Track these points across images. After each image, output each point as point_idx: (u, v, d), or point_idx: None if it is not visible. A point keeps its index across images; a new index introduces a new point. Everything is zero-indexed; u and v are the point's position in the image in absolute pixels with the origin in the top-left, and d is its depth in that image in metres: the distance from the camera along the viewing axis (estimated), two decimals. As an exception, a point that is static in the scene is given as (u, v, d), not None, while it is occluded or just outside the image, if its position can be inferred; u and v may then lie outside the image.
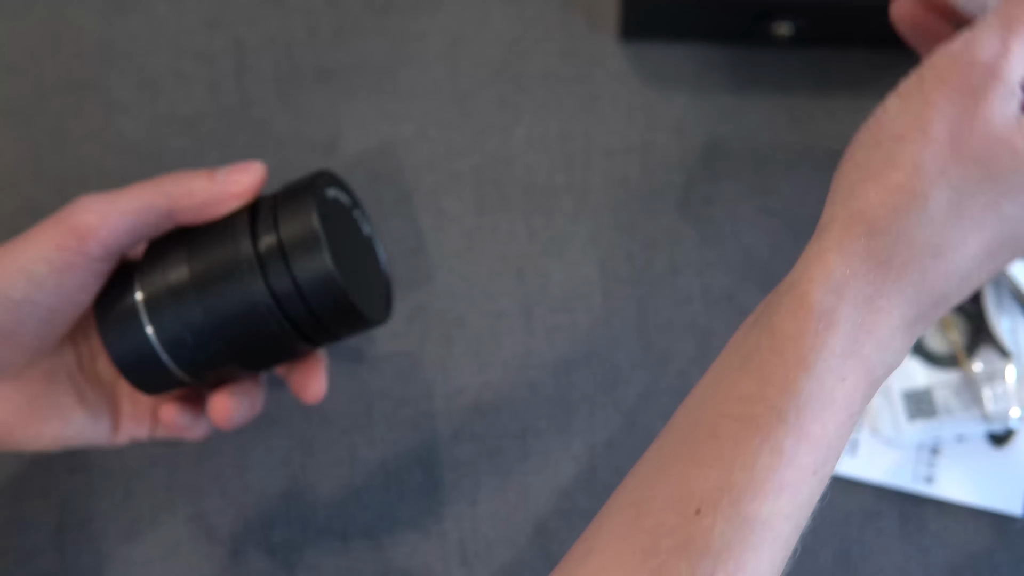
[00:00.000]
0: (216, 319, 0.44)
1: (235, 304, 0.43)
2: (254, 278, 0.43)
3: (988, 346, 0.56)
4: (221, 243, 0.44)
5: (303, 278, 0.43)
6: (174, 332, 0.44)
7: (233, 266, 0.44)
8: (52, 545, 0.55)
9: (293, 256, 0.43)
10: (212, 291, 0.44)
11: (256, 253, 0.44)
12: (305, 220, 0.43)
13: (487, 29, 0.61)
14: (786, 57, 0.60)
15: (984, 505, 0.55)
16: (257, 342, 0.44)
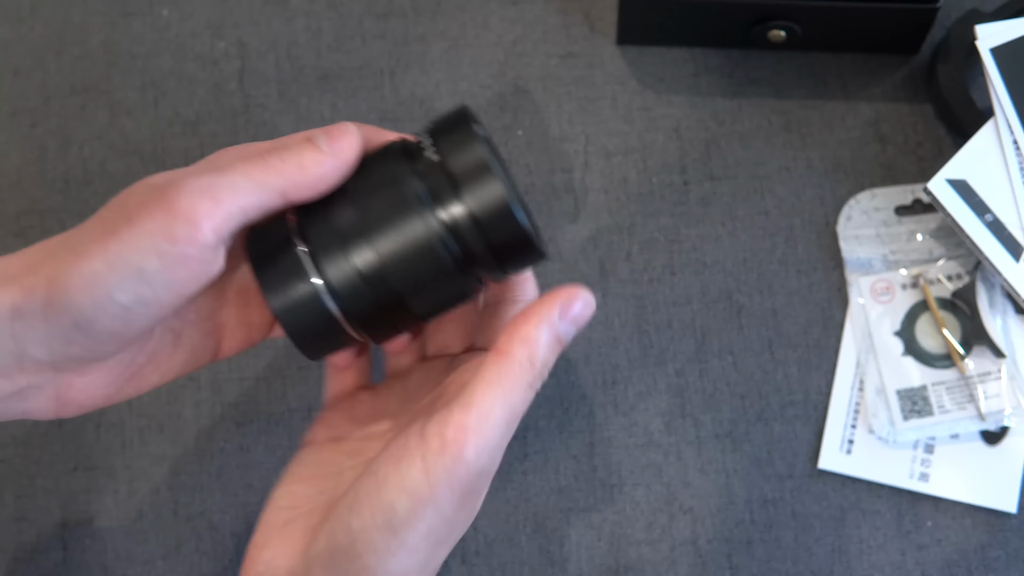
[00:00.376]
0: (391, 261, 0.40)
1: (412, 241, 0.40)
2: (429, 213, 0.40)
3: (982, 345, 0.56)
4: (383, 185, 0.41)
5: (478, 208, 0.40)
6: (347, 282, 0.41)
7: (404, 203, 0.40)
8: (55, 543, 0.55)
9: (466, 187, 0.40)
10: (385, 232, 0.40)
11: (427, 188, 0.41)
12: (471, 150, 0.41)
13: (487, 32, 0.61)
14: (782, 61, 0.61)
15: (978, 502, 0.55)
16: (434, 283, 0.41)
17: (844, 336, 0.57)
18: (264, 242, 0.41)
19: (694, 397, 0.56)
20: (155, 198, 0.38)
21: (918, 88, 0.60)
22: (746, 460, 0.56)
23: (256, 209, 0.39)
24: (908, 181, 0.59)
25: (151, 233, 0.37)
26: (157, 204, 0.37)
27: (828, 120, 0.60)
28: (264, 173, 0.39)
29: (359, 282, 0.40)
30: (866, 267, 0.58)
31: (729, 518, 0.55)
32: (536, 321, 0.40)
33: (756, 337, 0.57)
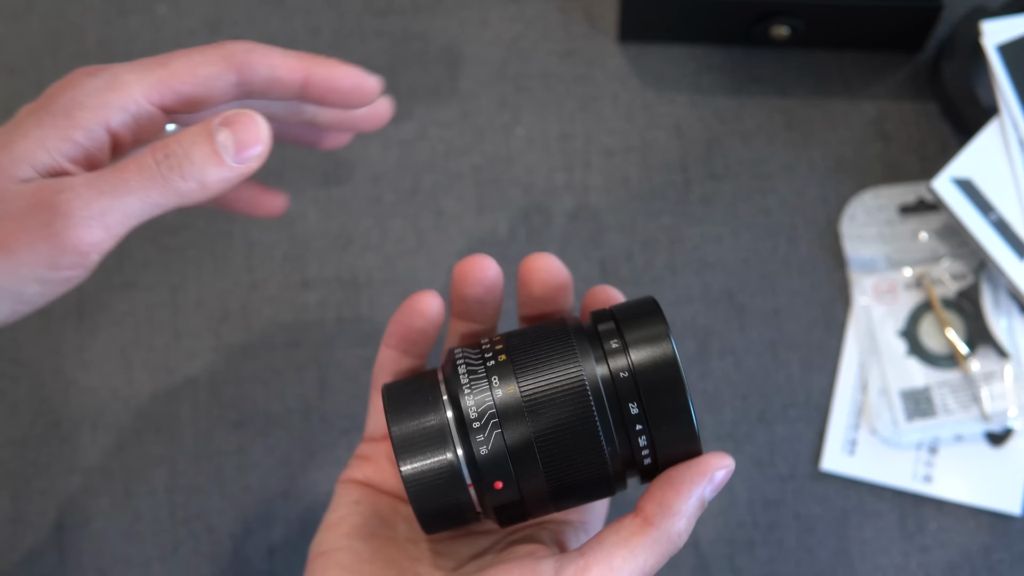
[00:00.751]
0: (556, 451, 0.38)
1: (579, 438, 0.38)
2: (603, 410, 0.38)
3: (986, 346, 0.56)
4: (559, 377, 0.38)
5: (660, 427, 0.38)
6: (496, 463, 0.38)
7: (578, 395, 0.38)
8: (52, 545, 0.55)
9: (650, 398, 0.38)
10: (554, 419, 0.38)
11: (606, 382, 0.38)
12: (665, 364, 0.38)
13: (487, 29, 0.61)
14: (784, 59, 0.60)
15: (982, 504, 0.55)
16: (588, 484, 0.39)
17: (847, 336, 0.57)
18: (407, 395, 0.39)
19: (695, 398, 0.56)
20: (36, 222, 0.36)
21: (922, 86, 0.60)
22: (748, 461, 0.55)
23: (142, 222, 0.38)
24: (912, 180, 0.59)
25: (33, 264, 0.36)
26: (40, 233, 0.36)
27: (831, 118, 0.60)
28: (160, 190, 0.37)
29: (508, 467, 0.38)
30: (869, 267, 0.57)
31: (731, 519, 0.55)
32: (688, 494, 0.38)
33: (758, 337, 0.57)
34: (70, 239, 0.36)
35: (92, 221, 0.36)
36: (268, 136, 0.39)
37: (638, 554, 0.37)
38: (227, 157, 0.37)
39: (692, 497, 0.38)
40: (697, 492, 0.38)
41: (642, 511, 0.38)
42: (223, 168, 0.38)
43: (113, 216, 0.36)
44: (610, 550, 0.37)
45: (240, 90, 0.41)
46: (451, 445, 0.38)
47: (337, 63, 0.42)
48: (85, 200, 0.36)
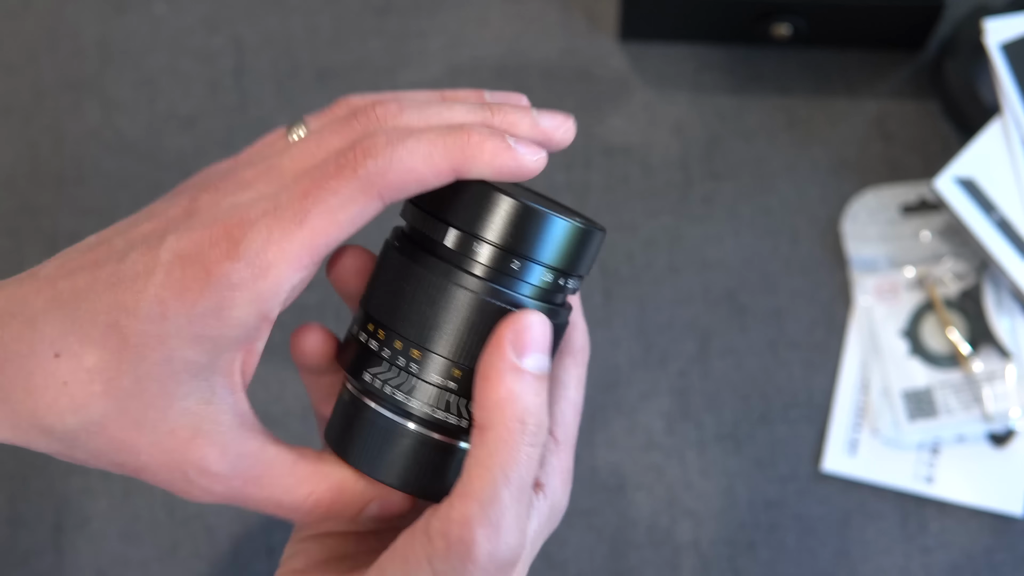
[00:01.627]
0: (464, 351, 0.37)
1: (465, 316, 0.36)
2: (466, 279, 0.36)
3: (988, 346, 0.56)
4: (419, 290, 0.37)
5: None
6: (438, 398, 0.37)
7: (444, 292, 0.37)
8: (50, 546, 0.55)
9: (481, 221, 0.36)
10: (444, 330, 0.37)
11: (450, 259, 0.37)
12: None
13: (487, 28, 0.61)
14: (785, 57, 0.60)
15: (984, 505, 0.54)
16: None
17: (848, 336, 0.57)
18: (339, 424, 0.39)
19: (696, 398, 0.56)
20: (170, 452, 0.36)
21: (924, 85, 0.60)
22: (749, 462, 0.55)
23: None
24: (914, 179, 0.59)
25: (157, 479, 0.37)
26: (169, 468, 0.36)
27: (832, 117, 0.60)
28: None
29: (446, 393, 0.37)
30: (871, 266, 0.57)
31: (731, 521, 0.55)
32: (496, 378, 0.35)
33: (759, 337, 0.57)
34: (187, 491, 0.37)
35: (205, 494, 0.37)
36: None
37: (488, 465, 0.34)
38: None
39: (503, 377, 0.34)
40: (504, 370, 0.34)
41: (475, 422, 0.35)
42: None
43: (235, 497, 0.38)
44: (465, 478, 0.34)
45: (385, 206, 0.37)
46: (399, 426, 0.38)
47: (484, 139, 0.35)
48: (218, 498, 0.37)
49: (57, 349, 0.34)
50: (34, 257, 0.36)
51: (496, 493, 0.34)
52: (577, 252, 0.37)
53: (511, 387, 0.35)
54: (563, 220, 0.36)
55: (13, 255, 0.58)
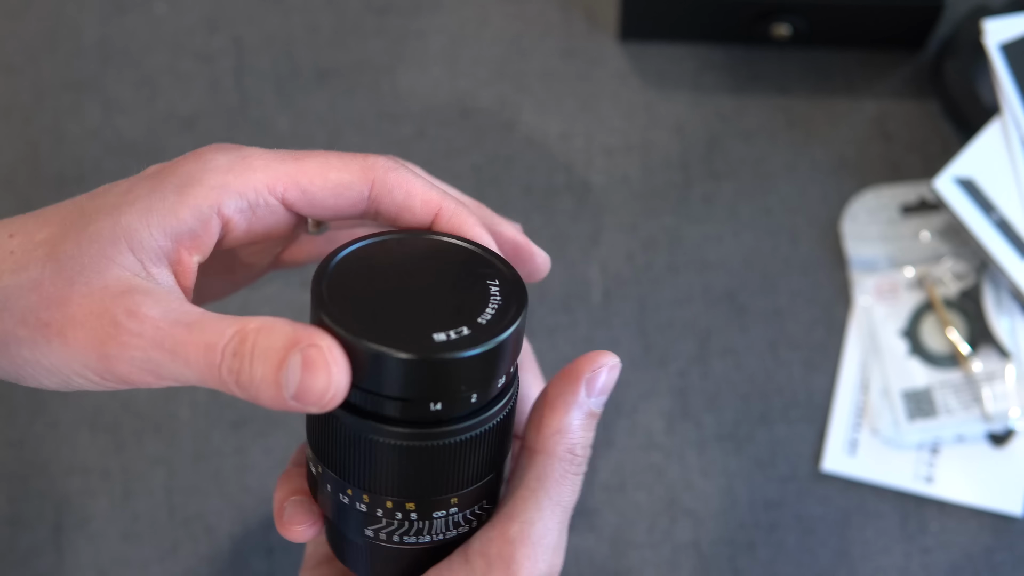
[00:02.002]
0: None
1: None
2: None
3: (988, 346, 0.56)
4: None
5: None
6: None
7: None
8: (50, 546, 0.55)
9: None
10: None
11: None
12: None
13: (487, 28, 0.61)
14: (785, 57, 0.60)
15: (984, 505, 0.54)
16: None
17: (848, 336, 0.57)
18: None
19: (696, 398, 0.56)
20: (95, 329, 0.35)
21: (924, 85, 0.60)
22: (748, 462, 0.55)
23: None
24: (913, 179, 0.59)
25: (80, 366, 0.35)
26: (93, 344, 0.35)
27: (832, 117, 0.60)
28: (216, 382, 0.35)
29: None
30: (870, 266, 0.57)
31: (731, 521, 0.55)
32: (564, 408, 0.37)
33: (759, 337, 0.57)
34: (115, 368, 0.35)
35: (143, 368, 0.34)
36: (339, 388, 0.34)
37: (537, 489, 0.36)
38: (286, 393, 0.33)
39: (571, 409, 0.37)
40: (574, 404, 0.37)
41: (528, 444, 0.37)
42: (278, 400, 0.34)
43: (167, 373, 0.35)
44: (511, 500, 0.36)
45: (370, 206, 0.38)
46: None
47: (468, 213, 0.38)
48: (144, 348, 0.34)
49: (12, 231, 0.36)
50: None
51: (541, 514, 0.36)
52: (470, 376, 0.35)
53: (574, 420, 0.37)
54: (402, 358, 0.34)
55: (13, 255, 0.58)
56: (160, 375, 0.35)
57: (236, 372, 0.34)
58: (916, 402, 0.55)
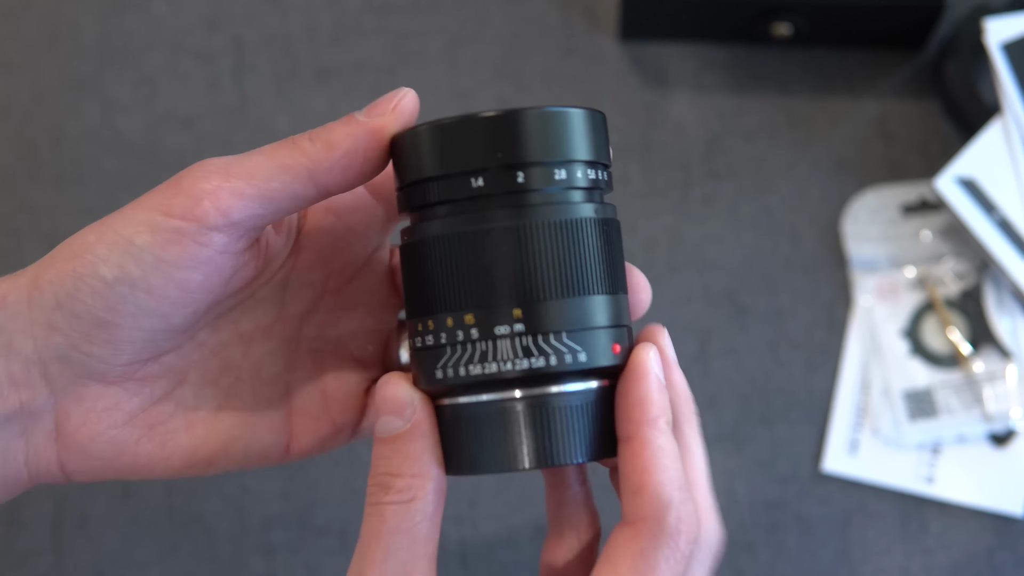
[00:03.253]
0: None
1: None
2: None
3: (989, 346, 0.56)
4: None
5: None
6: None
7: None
8: (49, 546, 0.55)
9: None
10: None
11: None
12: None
13: (487, 28, 0.61)
14: (786, 57, 0.60)
15: (985, 505, 0.54)
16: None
17: (848, 336, 0.57)
18: (456, 448, 0.34)
19: (696, 398, 0.56)
20: (171, 179, 0.34)
21: (925, 84, 0.60)
22: (749, 462, 0.55)
23: (281, 195, 0.33)
24: (914, 179, 0.58)
25: (149, 207, 0.33)
26: (167, 182, 0.34)
27: (833, 117, 0.59)
28: (288, 153, 0.34)
29: None
30: (871, 266, 0.57)
31: (732, 521, 0.55)
32: (661, 467, 0.32)
33: (759, 337, 0.57)
34: (184, 184, 0.33)
35: (213, 170, 0.33)
36: (411, 93, 0.34)
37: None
38: (359, 115, 0.34)
39: (667, 468, 0.32)
40: (671, 464, 0.32)
41: (624, 515, 0.33)
42: (351, 124, 0.34)
43: (237, 169, 0.33)
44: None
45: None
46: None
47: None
48: (208, 162, 0.34)
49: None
50: (34, 257, 0.36)
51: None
52: (585, 136, 0.34)
53: (673, 476, 0.33)
54: (550, 110, 0.33)
55: (13, 255, 0.58)
56: (229, 171, 0.33)
57: (309, 133, 0.34)
58: (917, 402, 0.55)
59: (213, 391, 0.37)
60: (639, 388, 0.33)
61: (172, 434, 0.37)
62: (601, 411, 0.33)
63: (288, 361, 0.39)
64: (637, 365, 0.33)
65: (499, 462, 0.33)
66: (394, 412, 0.34)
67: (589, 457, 0.33)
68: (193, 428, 0.37)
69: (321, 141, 0.34)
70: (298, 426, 0.39)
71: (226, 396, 0.38)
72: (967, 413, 0.55)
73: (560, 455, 0.32)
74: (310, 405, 0.39)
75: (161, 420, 0.37)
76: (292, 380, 0.39)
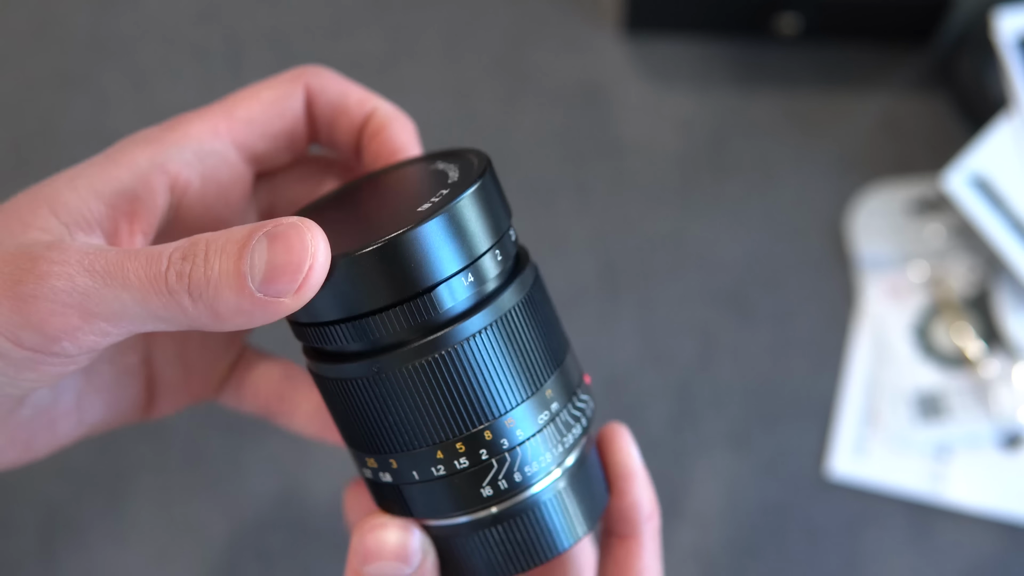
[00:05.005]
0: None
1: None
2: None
3: (999, 347, 0.55)
4: None
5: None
6: None
7: None
8: (38, 551, 0.54)
9: None
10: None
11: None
12: None
13: (487, 23, 0.60)
14: (790, 53, 0.60)
15: (995, 510, 0.54)
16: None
17: (855, 336, 0.56)
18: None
19: (699, 399, 0.56)
20: (9, 273, 0.28)
21: (934, 79, 0.59)
22: (753, 464, 0.55)
23: (153, 330, 0.29)
24: (923, 175, 0.58)
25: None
26: (7, 290, 0.28)
27: (839, 112, 0.59)
28: (163, 304, 0.28)
29: None
30: (879, 264, 0.57)
31: (736, 525, 0.54)
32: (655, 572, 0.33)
33: (764, 337, 0.56)
34: (35, 313, 0.28)
35: (68, 301, 0.28)
36: (320, 264, 0.28)
37: None
38: (252, 281, 0.28)
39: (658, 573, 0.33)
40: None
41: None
42: (242, 296, 0.28)
43: (99, 306, 0.28)
44: None
45: (308, 120, 0.35)
46: None
47: (399, 113, 0.36)
48: (69, 274, 0.28)
49: None
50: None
51: None
52: (468, 229, 0.30)
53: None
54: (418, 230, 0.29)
55: (2, 254, 0.58)
56: (89, 309, 0.28)
57: (187, 275, 0.28)
58: (925, 404, 0.55)
59: (71, 381, 0.35)
60: (634, 487, 0.33)
61: (35, 435, 0.35)
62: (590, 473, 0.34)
63: (146, 337, 0.36)
64: (623, 460, 0.33)
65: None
66: (400, 559, 0.31)
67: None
68: (54, 425, 0.35)
69: (204, 305, 0.28)
70: (159, 395, 0.37)
71: (86, 380, 0.35)
72: (977, 415, 0.54)
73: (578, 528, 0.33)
74: (171, 376, 0.37)
75: (21, 425, 0.34)
76: (153, 355, 0.37)
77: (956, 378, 0.55)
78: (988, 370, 0.55)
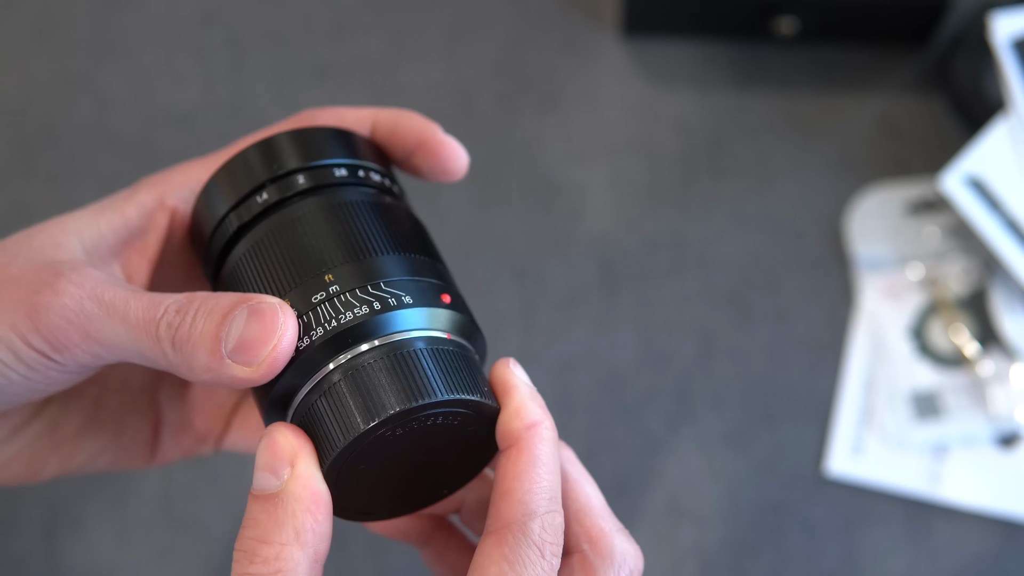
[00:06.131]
0: None
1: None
2: None
3: (996, 346, 0.55)
4: None
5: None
6: None
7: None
8: (41, 549, 0.54)
9: None
10: None
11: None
12: None
13: (487, 24, 0.60)
14: (789, 54, 0.60)
15: (992, 508, 0.54)
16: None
17: (853, 336, 0.56)
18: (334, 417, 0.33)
19: (698, 399, 0.56)
20: (31, 281, 0.32)
21: (931, 81, 0.59)
22: (752, 463, 0.55)
23: (137, 361, 0.33)
24: (920, 176, 0.58)
25: (6, 326, 0.32)
26: (26, 296, 0.32)
27: (837, 114, 0.59)
28: (150, 346, 0.32)
29: None
30: (876, 265, 0.57)
31: (734, 524, 0.54)
32: (534, 476, 0.31)
33: (762, 337, 0.56)
34: (44, 322, 0.32)
35: (73, 320, 0.32)
36: (285, 340, 0.31)
37: None
38: (224, 347, 0.31)
39: (540, 478, 0.31)
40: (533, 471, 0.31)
41: (487, 524, 0.31)
42: (213, 358, 0.31)
43: (98, 333, 0.32)
44: None
45: None
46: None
47: (406, 111, 0.38)
48: (81, 296, 0.32)
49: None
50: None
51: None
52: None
53: (541, 486, 0.32)
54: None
55: (5, 253, 0.58)
56: (89, 332, 0.32)
57: (175, 328, 0.31)
58: (922, 403, 0.55)
59: (80, 404, 0.37)
60: (514, 398, 0.32)
61: (39, 454, 0.37)
62: (456, 360, 0.33)
63: (156, 372, 0.39)
64: (504, 377, 0.33)
65: (365, 416, 0.31)
66: (269, 468, 0.31)
67: (452, 392, 0.32)
68: (60, 448, 0.37)
69: (181, 357, 0.31)
70: (164, 436, 0.39)
71: (94, 408, 0.38)
72: (973, 414, 0.54)
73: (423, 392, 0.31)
74: (175, 417, 0.39)
75: (30, 440, 0.37)
76: (159, 391, 0.39)
77: (953, 377, 0.55)
78: (984, 369, 0.55)
